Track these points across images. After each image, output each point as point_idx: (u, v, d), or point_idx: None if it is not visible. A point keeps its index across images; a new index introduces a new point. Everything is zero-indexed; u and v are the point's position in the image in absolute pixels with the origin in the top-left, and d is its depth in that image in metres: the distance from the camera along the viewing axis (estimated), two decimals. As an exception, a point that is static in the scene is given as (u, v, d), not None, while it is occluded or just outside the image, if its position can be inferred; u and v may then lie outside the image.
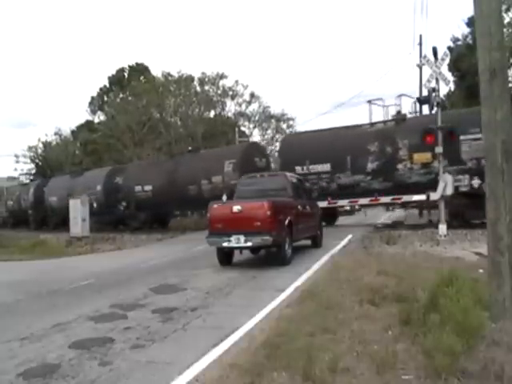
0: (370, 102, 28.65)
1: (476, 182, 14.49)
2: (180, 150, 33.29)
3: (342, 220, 24.10)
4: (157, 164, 24.77)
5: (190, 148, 24.85)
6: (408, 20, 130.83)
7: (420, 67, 18.95)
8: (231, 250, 9.58)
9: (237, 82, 39.49)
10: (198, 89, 38.55)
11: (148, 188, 22.59)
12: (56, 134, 48.08)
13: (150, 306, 6.28)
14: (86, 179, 26.28)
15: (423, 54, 18.74)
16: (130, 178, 23.76)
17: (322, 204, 15.66)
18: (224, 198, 14.31)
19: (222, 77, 38.80)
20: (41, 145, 47.97)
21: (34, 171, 45.15)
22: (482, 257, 8.12)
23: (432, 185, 13.90)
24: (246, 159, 19.37)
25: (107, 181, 24.76)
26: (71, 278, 9.27)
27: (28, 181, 40.81)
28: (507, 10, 22.32)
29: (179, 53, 71.85)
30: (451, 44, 28.24)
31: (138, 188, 22.91)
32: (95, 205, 23.38)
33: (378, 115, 25.70)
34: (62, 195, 25.94)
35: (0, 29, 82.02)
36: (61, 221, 25.63)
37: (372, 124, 19.45)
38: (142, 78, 40.67)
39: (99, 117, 45.19)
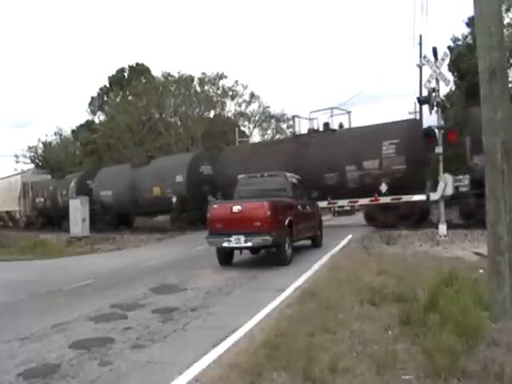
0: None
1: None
2: (180, 151, 33.30)
3: (342, 220, 24.13)
4: (272, 147, 20.43)
5: (315, 128, 19.87)
6: (408, 20, 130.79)
7: (420, 67, 18.93)
8: (231, 250, 9.58)
9: (237, 82, 39.66)
10: (198, 89, 38.63)
11: None
12: (56, 133, 48.25)
13: (150, 306, 6.28)
14: (155, 169, 22.02)
15: (423, 54, 18.78)
16: (227, 166, 19.36)
17: (322, 204, 15.63)
18: (383, 187, 12.33)
19: (222, 77, 38.94)
20: (41, 145, 48.10)
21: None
22: (482, 257, 8.13)
23: None
24: (413, 139, 15.55)
25: (192, 170, 20.29)
26: (71, 278, 9.27)
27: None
28: (507, 10, 22.38)
29: (179, 53, 71.85)
30: (451, 44, 28.26)
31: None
32: (174, 199, 19.92)
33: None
34: (121, 189, 22.44)
35: (0, 29, 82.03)
36: (116, 219, 23.20)
37: None
38: (142, 78, 40.72)
39: (99, 117, 45.33)
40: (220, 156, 21.12)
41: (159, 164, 22.64)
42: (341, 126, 19.36)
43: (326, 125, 18.80)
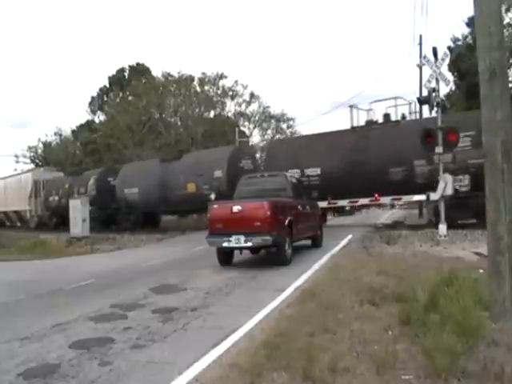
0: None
1: None
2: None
3: (341, 220, 24.11)
4: (326, 139, 18.28)
5: (372, 120, 18.20)
6: (408, 20, 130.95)
7: (420, 67, 18.91)
8: (231, 250, 9.58)
9: (236, 82, 39.72)
10: (198, 89, 38.66)
11: (313, 171, 17.13)
12: (56, 133, 48.35)
13: (150, 306, 6.28)
14: (189, 164, 20.39)
15: (423, 54, 18.75)
16: (274, 160, 17.99)
17: (322, 204, 15.58)
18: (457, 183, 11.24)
19: (222, 77, 38.99)
20: (41, 145, 48.24)
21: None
22: (481, 257, 8.12)
23: None
24: None
25: (232, 164, 18.67)
26: (71, 278, 9.27)
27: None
28: (507, 10, 22.40)
29: (179, 53, 71.92)
30: (451, 44, 28.29)
31: (292, 172, 16.47)
32: (213, 196, 18.20)
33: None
34: (148, 186, 21.03)
35: (0, 29, 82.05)
36: (141, 219, 21.95)
37: None
38: (142, 78, 40.74)
39: (99, 117, 45.36)
40: (265, 149, 19.48)
41: (193, 158, 21.13)
42: (403, 117, 18.08)
43: (387, 116, 17.52)
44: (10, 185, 32.87)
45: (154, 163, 22.85)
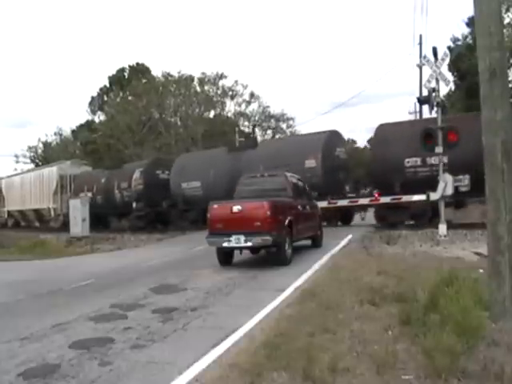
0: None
1: None
2: (180, 150, 33.27)
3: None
4: (464, 122, 13.82)
5: None
6: (408, 20, 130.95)
7: (420, 67, 18.92)
8: (231, 250, 9.58)
9: (236, 81, 39.79)
10: (198, 89, 38.71)
11: (438, 160, 13.43)
12: (56, 133, 48.44)
13: (150, 306, 6.27)
14: (270, 152, 17.71)
15: (423, 54, 18.75)
16: (386, 147, 15.42)
17: (322, 204, 15.55)
18: None
19: (222, 77, 39.05)
20: (41, 145, 48.33)
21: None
22: (482, 257, 8.12)
23: None
24: None
25: (327, 154, 16.27)
26: (71, 278, 9.27)
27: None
28: (507, 10, 22.39)
29: (179, 53, 71.94)
30: (451, 44, 28.31)
31: (410, 161, 15.10)
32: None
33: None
34: (214, 179, 18.53)
35: (0, 28, 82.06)
36: (202, 216, 17.72)
37: None
38: (142, 78, 40.78)
39: (99, 117, 45.40)
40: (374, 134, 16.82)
41: (275, 146, 19.07)
42: None
43: None
44: (28, 181, 29.70)
45: (221, 153, 20.57)
